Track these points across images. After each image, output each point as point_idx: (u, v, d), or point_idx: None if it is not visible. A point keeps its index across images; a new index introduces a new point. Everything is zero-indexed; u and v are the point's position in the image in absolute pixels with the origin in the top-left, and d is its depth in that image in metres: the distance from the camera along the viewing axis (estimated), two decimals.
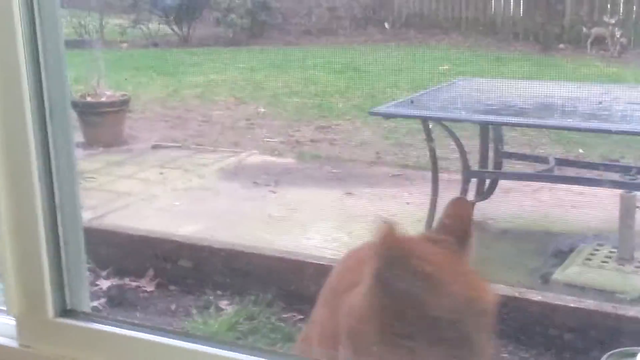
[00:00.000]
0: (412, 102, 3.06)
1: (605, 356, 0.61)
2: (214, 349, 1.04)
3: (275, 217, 3.16)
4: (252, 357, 1.02)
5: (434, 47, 5.29)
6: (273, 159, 3.95)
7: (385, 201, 3.26)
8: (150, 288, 2.53)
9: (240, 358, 1.02)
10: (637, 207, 2.59)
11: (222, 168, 3.82)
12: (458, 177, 2.88)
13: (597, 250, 2.67)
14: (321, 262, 2.42)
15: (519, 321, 2.10)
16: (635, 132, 2.85)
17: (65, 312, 1.13)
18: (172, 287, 2.54)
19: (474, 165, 2.95)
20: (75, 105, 4.04)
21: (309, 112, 4.60)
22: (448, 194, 2.82)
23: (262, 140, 4.23)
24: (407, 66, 4.61)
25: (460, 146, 2.83)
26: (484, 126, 2.96)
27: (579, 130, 3.22)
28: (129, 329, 1.07)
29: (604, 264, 2.57)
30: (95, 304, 2.32)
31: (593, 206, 2.96)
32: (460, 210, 1.00)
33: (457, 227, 0.98)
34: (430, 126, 2.88)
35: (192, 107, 4.86)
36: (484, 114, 3.01)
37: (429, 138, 2.85)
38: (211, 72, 5.52)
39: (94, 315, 1.14)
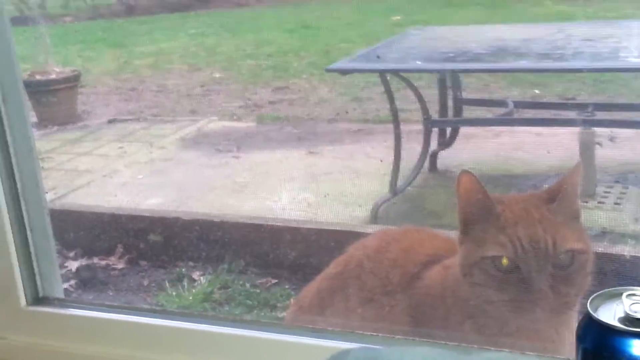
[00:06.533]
0: (378, 57, 3.04)
1: (591, 297, 0.61)
2: (188, 323, 1.04)
3: (240, 182, 3.14)
4: (226, 329, 1.02)
5: None
6: (233, 124, 3.92)
7: (348, 157, 3.26)
8: (120, 265, 2.51)
9: (214, 330, 1.02)
10: (596, 143, 2.62)
11: (182, 137, 3.78)
12: (419, 127, 2.88)
13: None
14: (290, 225, 2.43)
15: None
16: (588, 69, 2.87)
17: (38, 299, 1.11)
18: (142, 263, 2.52)
19: (434, 115, 2.95)
20: (25, 85, 3.93)
21: (265, 73, 4.55)
22: (410, 145, 2.83)
23: (220, 105, 4.18)
24: (358, 19, 4.58)
25: (419, 96, 2.83)
26: (442, 74, 2.96)
27: (534, 71, 3.23)
28: (104, 312, 1.07)
29: None
30: (65, 286, 2.29)
31: (553, 146, 2.99)
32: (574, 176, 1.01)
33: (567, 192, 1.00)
34: (388, 78, 2.87)
35: (145, 78, 4.77)
36: (440, 62, 3.00)
37: (388, 91, 2.84)
38: (161, 40, 5.41)
39: (67, 301, 1.13)
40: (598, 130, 2.64)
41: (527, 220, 0.97)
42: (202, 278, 2.37)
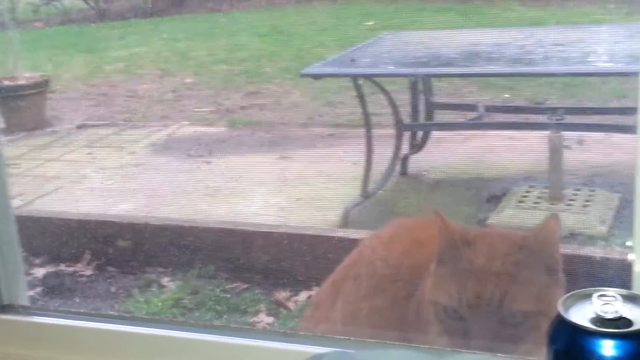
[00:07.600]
0: (353, 60, 3.04)
1: (562, 299, 0.61)
2: (157, 329, 1.02)
3: (212, 187, 3.12)
4: (196, 334, 1.01)
5: (358, 2, 5.26)
6: (204, 129, 3.89)
7: (321, 162, 3.26)
8: (88, 272, 2.47)
9: (184, 336, 1.01)
10: (565, 146, 2.65)
11: (152, 143, 3.75)
12: (391, 131, 2.89)
13: (529, 192, 2.73)
14: (262, 229, 2.41)
15: None
16: (557, 73, 2.91)
17: (2, 307, 1.09)
18: (110, 269, 2.49)
19: (406, 119, 2.96)
20: None
21: (237, 78, 4.53)
22: (382, 149, 2.83)
23: (191, 111, 4.15)
24: (332, 25, 4.58)
25: (391, 101, 2.84)
26: (413, 79, 2.98)
27: (504, 75, 3.26)
28: (70, 319, 1.04)
29: (536, 204, 2.63)
30: (31, 293, 2.25)
31: (522, 149, 3.02)
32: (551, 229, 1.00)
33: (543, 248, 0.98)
34: (361, 82, 2.88)
35: (117, 83, 4.73)
36: (412, 66, 3.02)
37: (360, 95, 2.85)
38: (133, 45, 5.37)
39: (32, 308, 1.10)
40: (567, 133, 2.66)
41: (484, 271, 0.96)
42: (171, 284, 2.35)
